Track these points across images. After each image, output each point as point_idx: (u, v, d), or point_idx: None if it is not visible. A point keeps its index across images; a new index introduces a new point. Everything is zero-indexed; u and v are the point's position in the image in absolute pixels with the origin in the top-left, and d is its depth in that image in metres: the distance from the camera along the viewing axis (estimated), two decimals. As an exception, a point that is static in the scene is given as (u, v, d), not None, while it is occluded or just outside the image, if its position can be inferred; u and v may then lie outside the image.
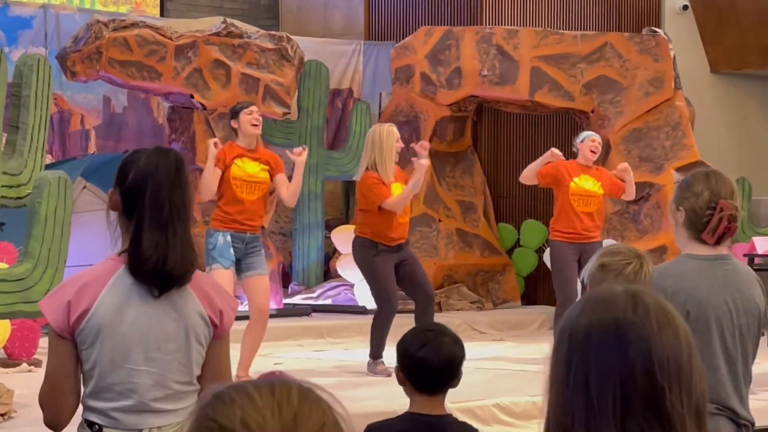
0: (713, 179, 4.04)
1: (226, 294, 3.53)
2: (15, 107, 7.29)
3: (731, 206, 3.96)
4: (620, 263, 3.77)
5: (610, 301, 1.70)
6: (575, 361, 1.67)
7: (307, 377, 3.63)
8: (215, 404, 1.39)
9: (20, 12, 11.73)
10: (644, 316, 1.67)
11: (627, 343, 1.65)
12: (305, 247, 12.29)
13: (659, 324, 1.66)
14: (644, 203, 11.98)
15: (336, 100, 13.53)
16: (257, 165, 8.04)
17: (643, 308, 1.68)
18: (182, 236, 3.32)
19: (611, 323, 1.67)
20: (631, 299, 1.69)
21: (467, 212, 12.78)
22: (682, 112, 12.12)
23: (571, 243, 9.23)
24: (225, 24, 11.39)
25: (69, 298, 3.30)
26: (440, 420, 3.72)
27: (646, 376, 1.63)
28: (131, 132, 12.46)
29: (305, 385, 1.43)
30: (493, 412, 7.57)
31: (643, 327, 1.65)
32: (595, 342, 1.67)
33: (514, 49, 12.28)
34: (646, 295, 1.70)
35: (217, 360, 3.43)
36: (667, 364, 1.64)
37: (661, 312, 1.68)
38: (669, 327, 1.66)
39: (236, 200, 7.97)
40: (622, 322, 1.66)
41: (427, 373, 3.67)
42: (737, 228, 4.03)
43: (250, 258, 7.98)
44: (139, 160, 3.36)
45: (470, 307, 12.34)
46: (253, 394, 1.39)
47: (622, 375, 1.63)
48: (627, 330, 1.66)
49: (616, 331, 1.66)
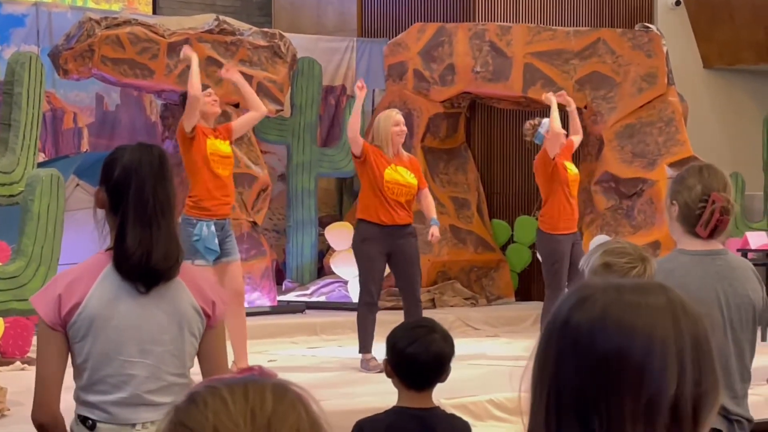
0: (706, 173, 4.04)
1: (215, 285, 3.58)
2: (7, 105, 7.29)
3: (723, 198, 3.96)
4: (625, 266, 3.72)
5: (567, 297, 1.64)
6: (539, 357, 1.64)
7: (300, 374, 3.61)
8: (188, 408, 1.37)
9: (12, 10, 11.71)
10: (586, 313, 1.59)
11: (562, 341, 1.60)
12: (299, 244, 12.29)
13: (603, 320, 1.58)
14: (637, 199, 11.99)
15: (329, 97, 13.53)
16: (222, 142, 8.14)
17: (590, 304, 1.60)
18: (166, 231, 3.34)
19: (558, 320, 1.62)
20: (581, 296, 1.62)
21: (461, 209, 12.78)
22: (675, 108, 12.13)
23: (568, 234, 9.23)
24: (218, 21, 11.38)
25: (59, 292, 3.32)
26: (428, 413, 3.74)
27: (575, 376, 1.57)
28: (124, 130, 12.45)
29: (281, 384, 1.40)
30: (487, 407, 7.57)
31: (578, 326, 1.59)
32: (544, 338, 1.63)
33: (507, 46, 12.28)
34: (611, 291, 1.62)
35: (212, 349, 3.45)
36: (605, 363, 1.56)
37: (615, 307, 1.59)
38: (619, 324, 1.57)
39: (215, 177, 7.99)
40: (565, 319, 1.61)
41: (416, 369, 3.68)
42: (729, 220, 4.02)
43: (226, 243, 8.00)
44: (123, 157, 3.37)
45: (464, 304, 12.34)
46: (227, 398, 1.36)
47: (556, 373, 1.58)
48: (565, 328, 1.60)
49: (558, 329, 1.61)
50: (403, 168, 8.67)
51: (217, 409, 1.36)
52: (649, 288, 1.64)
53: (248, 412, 1.36)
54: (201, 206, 7.95)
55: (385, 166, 8.59)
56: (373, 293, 8.64)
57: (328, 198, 13.51)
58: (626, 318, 1.58)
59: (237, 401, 1.37)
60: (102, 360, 3.33)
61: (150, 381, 3.36)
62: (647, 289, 1.63)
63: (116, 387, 3.35)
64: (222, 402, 1.37)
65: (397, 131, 8.63)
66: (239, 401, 1.37)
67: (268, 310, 11.20)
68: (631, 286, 1.64)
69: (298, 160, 12.17)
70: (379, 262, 8.61)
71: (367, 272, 8.63)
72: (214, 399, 1.37)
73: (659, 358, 1.56)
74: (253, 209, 11.33)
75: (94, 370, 3.34)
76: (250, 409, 1.36)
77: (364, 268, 8.64)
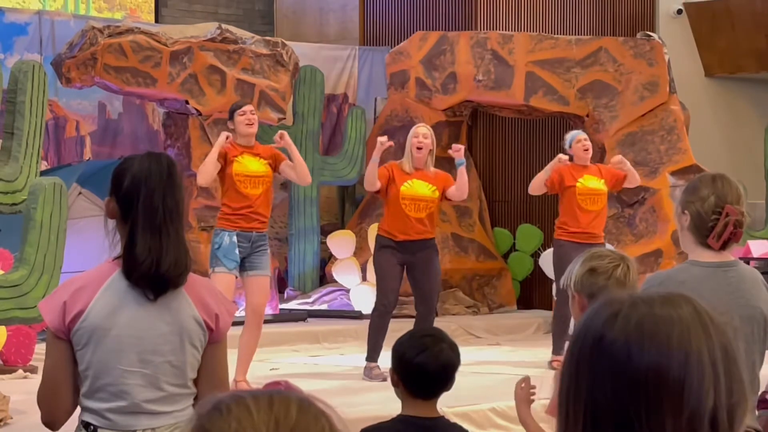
0: (720, 183, 3.98)
1: (222, 298, 3.54)
2: (10, 113, 7.30)
3: (737, 211, 3.92)
4: (609, 265, 3.73)
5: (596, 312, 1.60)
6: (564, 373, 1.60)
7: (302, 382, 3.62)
8: (212, 414, 1.37)
9: (15, 18, 11.73)
10: (621, 328, 1.55)
11: (597, 358, 1.55)
12: (301, 253, 12.29)
13: (640, 335, 1.54)
14: (639, 207, 11.99)
15: (331, 105, 13.54)
16: (257, 160, 8.16)
17: (622, 319, 1.56)
18: (176, 239, 3.36)
19: (589, 337, 1.57)
20: (611, 311, 1.58)
21: (462, 217, 12.79)
22: (677, 116, 12.14)
23: (578, 243, 9.24)
24: (220, 30, 11.40)
25: (65, 299, 3.34)
26: (433, 422, 3.73)
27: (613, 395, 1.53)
28: (126, 138, 12.46)
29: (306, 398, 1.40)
30: (489, 416, 7.58)
31: (614, 342, 1.54)
32: (575, 356, 1.59)
33: (509, 54, 12.29)
34: (641, 304, 1.58)
35: (213, 364, 3.45)
36: (644, 381, 1.53)
37: (649, 322, 1.56)
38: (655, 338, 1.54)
39: (241, 196, 8.05)
40: (598, 336, 1.56)
41: (424, 379, 3.68)
42: (742, 233, 3.99)
43: (255, 257, 8.05)
44: (132, 167, 3.39)
45: (466, 312, 12.34)
46: (251, 406, 1.36)
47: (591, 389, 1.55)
48: (600, 344, 1.56)
49: (590, 346, 1.56)
50: (422, 182, 8.61)
51: (241, 417, 1.36)
52: (676, 300, 1.61)
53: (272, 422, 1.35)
54: (226, 219, 8.06)
55: (403, 181, 8.58)
56: (388, 302, 8.62)
57: (330, 206, 13.52)
58: (661, 332, 1.55)
59: (261, 410, 1.36)
60: (102, 369, 3.35)
61: (148, 391, 3.37)
62: (675, 301, 1.60)
63: (115, 396, 3.37)
64: (246, 410, 1.36)
65: (415, 143, 8.63)
66: (263, 410, 1.36)
67: (270, 319, 11.18)
68: (660, 299, 1.60)
69: (300, 169, 12.17)
70: (395, 271, 8.58)
71: (382, 280, 8.64)
72: (238, 407, 1.37)
73: (697, 372, 1.53)
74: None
75: (94, 378, 3.36)
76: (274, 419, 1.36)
77: (380, 276, 8.67)
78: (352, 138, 12.38)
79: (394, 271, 8.56)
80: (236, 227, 8.00)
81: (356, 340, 10.56)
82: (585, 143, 9.61)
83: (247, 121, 8.16)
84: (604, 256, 3.75)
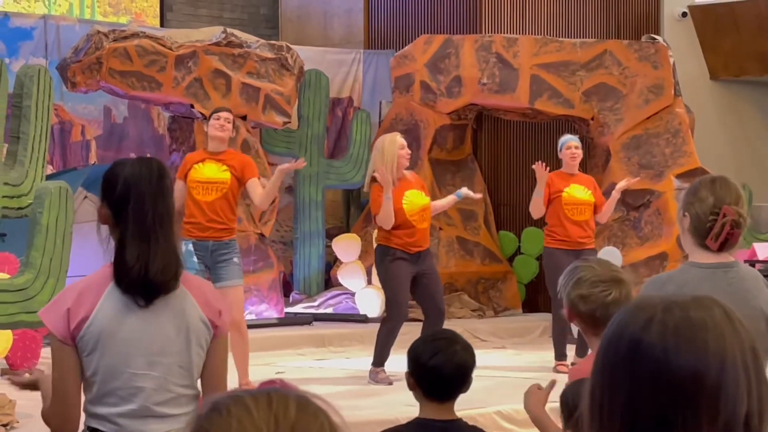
0: (718, 185, 4.00)
1: (220, 295, 3.58)
2: (16, 118, 7.31)
3: (734, 212, 3.93)
4: (600, 295, 3.69)
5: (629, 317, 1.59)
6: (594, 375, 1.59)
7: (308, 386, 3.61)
8: (211, 415, 1.37)
9: (21, 23, 11.75)
10: (658, 333, 1.54)
11: (635, 363, 1.54)
12: (306, 256, 12.30)
13: (678, 340, 1.53)
14: (644, 210, 11.99)
15: (336, 108, 13.55)
16: (217, 166, 8.02)
17: (658, 325, 1.55)
18: (165, 245, 3.34)
19: (624, 341, 1.56)
20: (646, 316, 1.56)
21: (468, 220, 12.78)
22: (682, 119, 12.13)
23: (568, 250, 9.26)
24: (225, 34, 11.41)
25: (68, 306, 3.33)
26: (451, 424, 3.74)
27: (652, 400, 1.52)
28: (132, 142, 12.48)
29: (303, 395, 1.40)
30: (495, 419, 7.57)
31: (653, 347, 1.54)
32: (609, 361, 1.57)
33: (514, 57, 12.30)
34: (675, 308, 1.57)
35: (214, 360, 3.46)
36: (682, 385, 1.52)
37: (686, 326, 1.54)
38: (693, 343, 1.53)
39: (193, 202, 7.94)
40: (635, 341, 1.55)
41: (440, 381, 3.69)
42: (740, 234, 3.99)
43: (219, 268, 7.88)
44: (122, 172, 3.39)
45: (471, 315, 12.34)
46: (250, 405, 1.36)
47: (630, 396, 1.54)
48: (637, 349, 1.55)
49: (626, 351, 1.55)
50: (413, 190, 8.60)
51: (241, 417, 1.36)
52: (707, 303, 1.59)
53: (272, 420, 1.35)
54: (184, 227, 7.89)
55: (400, 197, 8.48)
56: (402, 315, 8.58)
57: (335, 210, 13.52)
58: (698, 337, 1.54)
59: (260, 409, 1.36)
60: (110, 373, 3.34)
61: (158, 393, 3.37)
62: (706, 305, 1.59)
63: (125, 399, 3.36)
64: (245, 409, 1.36)
65: (404, 154, 8.55)
66: (263, 409, 1.36)
67: (276, 322, 11.21)
68: (692, 303, 1.59)
69: (305, 172, 12.18)
70: (408, 283, 8.54)
71: (398, 292, 8.54)
72: (237, 407, 1.37)
73: (732, 376, 1.53)
74: (260, 221, 11.35)
75: (102, 383, 3.35)
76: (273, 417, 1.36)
77: (396, 288, 8.54)
78: (357, 141, 12.39)
79: (407, 283, 8.53)
80: (191, 236, 7.85)
81: (362, 344, 10.56)
82: (574, 151, 9.55)
83: (218, 126, 8.03)
84: (597, 284, 3.69)
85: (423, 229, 8.59)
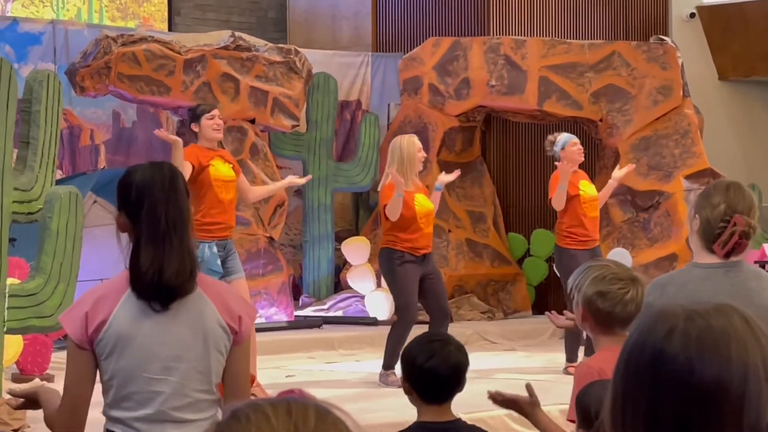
0: (732, 192, 3.97)
1: (242, 301, 3.56)
2: (25, 123, 7.32)
3: (745, 223, 3.92)
4: (619, 292, 3.68)
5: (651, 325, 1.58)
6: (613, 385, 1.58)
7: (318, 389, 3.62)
8: (230, 423, 1.37)
9: (29, 28, 11.77)
10: (681, 343, 1.53)
11: (659, 372, 1.54)
12: (315, 259, 12.31)
13: (701, 350, 1.53)
14: (654, 211, 11.98)
15: (344, 111, 13.56)
16: (226, 165, 8.05)
17: (681, 334, 1.54)
18: (179, 248, 3.34)
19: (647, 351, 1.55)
20: (669, 325, 1.55)
21: (477, 222, 12.78)
22: (691, 120, 12.12)
23: (585, 250, 9.26)
24: (233, 37, 11.42)
25: (86, 310, 3.34)
26: (451, 425, 3.74)
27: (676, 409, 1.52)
28: (141, 146, 12.49)
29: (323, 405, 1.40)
30: (505, 421, 7.57)
31: (676, 357, 1.53)
32: (631, 370, 1.57)
33: (522, 59, 12.29)
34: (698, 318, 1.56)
35: (236, 367, 3.44)
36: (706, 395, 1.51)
37: (709, 335, 1.54)
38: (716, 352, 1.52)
39: (218, 202, 7.93)
40: (658, 350, 1.54)
41: (437, 383, 3.69)
42: (748, 245, 3.97)
43: (229, 262, 7.93)
44: (134, 179, 3.40)
45: (481, 317, 12.34)
46: (270, 413, 1.36)
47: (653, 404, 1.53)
48: (660, 358, 1.54)
49: (650, 360, 1.55)
50: (421, 195, 8.69)
51: (260, 424, 1.36)
52: (727, 310, 1.58)
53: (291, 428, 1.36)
54: (204, 229, 7.80)
55: (412, 199, 8.56)
56: (412, 317, 8.63)
57: (344, 213, 13.53)
58: (721, 346, 1.53)
59: (280, 417, 1.36)
60: (127, 377, 3.34)
61: (175, 398, 3.37)
62: (727, 313, 1.58)
63: (141, 404, 3.36)
64: (265, 417, 1.36)
65: (421, 157, 8.69)
66: (282, 417, 1.36)
67: (285, 326, 11.22)
68: (714, 311, 1.58)
69: (314, 175, 12.19)
70: (416, 285, 8.61)
71: (408, 295, 8.59)
72: (256, 414, 1.37)
73: (755, 385, 1.52)
74: (269, 224, 11.36)
75: (119, 387, 3.36)
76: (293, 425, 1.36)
77: (405, 290, 8.59)
78: (366, 144, 12.40)
79: (415, 285, 8.61)
80: (213, 237, 7.82)
81: (372, 347, 10.56)
82: (581, 147, 9.58)
83: (216, 126, 8.02)
84: (616, 281, 3.69)
85: (429, 233, 8.70)
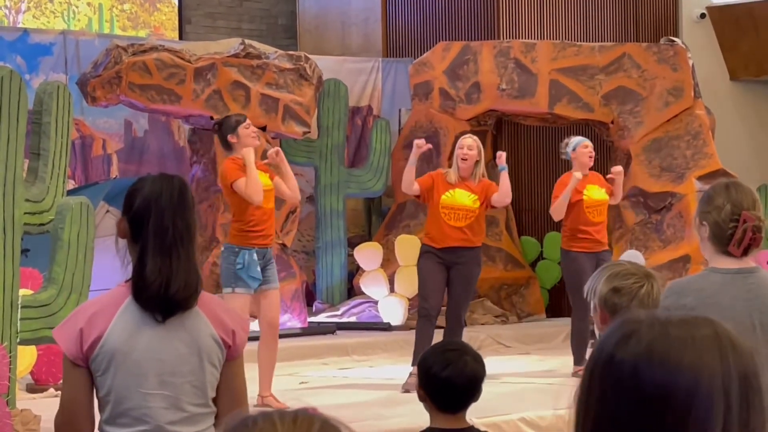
0: (734, 191, 3.98)
1: (236, 315, 3.56)
2: (36, 134, 7.35)
3: (754, 217, 3.92)
4: (634, 286, 3.67)
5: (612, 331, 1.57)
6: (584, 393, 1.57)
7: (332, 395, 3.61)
8: (239, 427, 1.41)
9: (40, 39, 11.81)
10: (632, 349, 1.52)
11: (606, 377, 1.53)
12: (328, 265, 12.31)
13: (650, 356, 1.50)
14: (666, 213, 11.95)
15: (355, 117, 13.57)
16: (264, 174, 8.12)
17: (635, 340, 1.52)
18: (186, 261, 3.34)
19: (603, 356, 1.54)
20: (626, 331, 1.54)
21: (489, 226, 12.76)
22: (702, 121, 12.10)
23: (589, 253, 9.24)
24: (243, 45, 11.44)
25: (81, 326, 3.32)
26: None
27: (617, 414, 1.51)
28: (153, 155, 12.51)
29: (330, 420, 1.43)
30: (519, 426, 7.56)
31: (623, 362, 1.52)
32: (588, 373, 1.56)
33: (532, 62, 12.29)
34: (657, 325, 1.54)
35: (231, 381, 3.44)
36: (649, 401, 1.48)
37: (661, 343, 1.51)
38: (665, 360, 1.50)
39: (260, 211, 7.97)
40: (610, 355, 1.53)
41: (452, 393, 3.68)
42: (762, 238, 3.97)
43: (267, 270, 7.99)
44: (144, 188, 3.41)
45: (495, 321, 12.33)
46: (276, 421, 1.41)
47: (599, 409, 1.52)
48: (610, 363, 1.53)
49: (602, 365, 1.54)
50: (463, 191, 8.70)
51: (266, 430, 1.40)
52: (697, 322, 1.55)
53: None
54: (245, 236, 7.91)
55: (445, 190, 8.65)
56: (429, 306, 8.63)
57: (357, 218, 13.53)
58: (672, 354, 1.50)
59: (285, 424, 1.40)
60: (123, 393, 3.34)
61: (170, 412, 3.36)
62: (695, 323, 1.55)
63: (138, 420, 3.35)
64: (271, 424, 1.41)
65: (460, 154, 8.78)
66: (287, 424, 1.40)
67: (299, 332, 11.22)
68: (678, 321, 1.55)
69: (326, 182, 12.21)
70: (437, 274, 8.62)
71: (423, 283, 8.72)
72: (264, 421, 1.41)
73: (705, 397, 1.48)
74: (282, 231, 11.36)
75: (116, 404, 3.35)
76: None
77: (421, 280, 8.77)
78: (378, 150, 12.40)
79: (434, 275, 8.61)
80: (254, 245, 7.89)
81: (385, 352, 10.56)
82: (591, 150, 9.55)
83: (253, 134, 8.10)
84: (629, 275, 3.67)
85: (451, 227, 8.69)
